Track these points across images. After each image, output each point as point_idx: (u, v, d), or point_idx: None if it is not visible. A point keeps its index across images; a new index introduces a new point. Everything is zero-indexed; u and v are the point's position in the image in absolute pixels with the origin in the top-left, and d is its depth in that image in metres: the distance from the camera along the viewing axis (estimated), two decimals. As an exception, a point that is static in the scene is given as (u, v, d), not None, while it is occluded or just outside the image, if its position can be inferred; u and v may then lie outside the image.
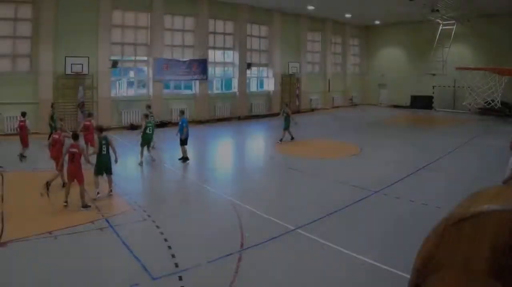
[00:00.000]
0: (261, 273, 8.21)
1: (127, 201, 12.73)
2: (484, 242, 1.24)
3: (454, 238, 1.22)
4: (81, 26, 27.06)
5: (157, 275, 7.93)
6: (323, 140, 24.93)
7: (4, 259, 8.54)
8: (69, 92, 26.83)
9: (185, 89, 33.63)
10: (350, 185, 14.58)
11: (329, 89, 44.46)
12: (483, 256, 1.26)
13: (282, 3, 35.92)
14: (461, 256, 1.22)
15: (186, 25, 32.58)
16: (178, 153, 18.66)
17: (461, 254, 1.22)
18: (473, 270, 1.25)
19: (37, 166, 16.92)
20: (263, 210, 11.73)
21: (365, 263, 8.47)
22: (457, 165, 18.36)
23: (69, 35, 26.60)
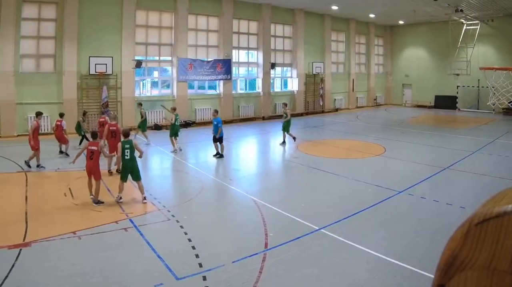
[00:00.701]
0: (285, 273, 7.92)
1: (152, 201, 12.36)
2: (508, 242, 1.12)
3: (478, 238, 1.13)
4: (105, 26, 26.35)
5: (181, 275, 7.75)
6: (347, 140, 24.10)
7: (28, 259, 8.36)
8: (93, 92, 26.10)
9: (209, 89, 32.67)
10: (374, 184, 14.10)
11: (353, 89, 43.04)
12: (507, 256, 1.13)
13: (306, 3, 34.80)
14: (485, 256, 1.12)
15: (210, 25, 31.58)
16: (203, 152, 18.95)
17: (485, 254, 1.12)
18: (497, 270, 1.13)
19: (60, 166, 16.51)
20: (287, 210, 11.41)
21: (389, 263, 8.21)
22: (481, 165, 17.60)
23: (93, 35, 25.89)
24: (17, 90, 23.71)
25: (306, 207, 11.86)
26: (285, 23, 36.60)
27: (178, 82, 29.47)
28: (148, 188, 13.47)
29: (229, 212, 12.01)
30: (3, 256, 8.38)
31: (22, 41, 23.97)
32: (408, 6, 33.32)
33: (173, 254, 8.64)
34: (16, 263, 8.07)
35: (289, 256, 8.60)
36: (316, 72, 37.97)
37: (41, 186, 13.42)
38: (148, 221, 10.73)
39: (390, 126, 30.36)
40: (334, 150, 21.22)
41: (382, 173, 16.16)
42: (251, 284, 7.43)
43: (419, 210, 11.58)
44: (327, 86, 39.61)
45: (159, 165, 17.88)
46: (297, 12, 36.61)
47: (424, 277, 7.38)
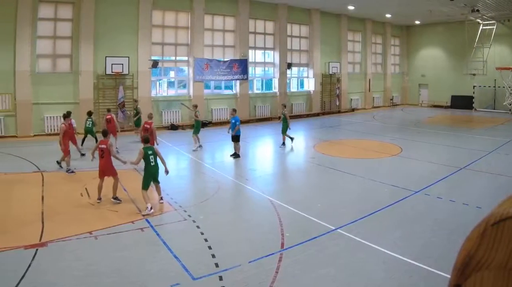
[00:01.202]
0: (301, 273, 7.74)
1: (168, 201, 12.10)
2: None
3: (494, 238, 1.07)
4: (121, 26, 25.62)
5: (198, 275, 7.61)
6: (364, 140, 23.43)
7: (44, 259, 8.18)
8: (109, 92, 25.42)
9: (225, 89, 31.88)
10: (390, 185, 13.79)
11: (370, 89, 41.83)
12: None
13: (322, 3, 33.78)
14: (502, 256, 1.02)
15: (226, 25, 30.71)
16: (219, 152, 18.78)
17: (502, 254, 1.03)
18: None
19: (76, 166, 15.96)
20: (304, 210, 11.17)
21: (405, 263, 8.04)
22: (497, 165, 17.07)
23: (109, 35, 25.19)
24: (34, 90, 23.07)
25: (323, 207, 11.58)
26: (301, 23, 35.56)
27: (195, 82, 28.63)
28: (164, 188, 13.15)
29: (245, 212, 11.76)
30: (19, 256, 8.22)
31: (38, 41, 23.33)
32: (424, 6, 32.38)
33: (189, 254, 8.47)
34: (32, 263, 7.90)
35: (305, 256, 8.43)
36: (333, 72, 36.94)
37: (58, 186, 13.04)
38: (164, 221, 10.50)
39: (406, 126, 29.46)
40: (351, 150, 20.67)
41: (399, 173, 15.85)
42: (267, 284, 7.29)
43: (435, 210, 11.31)
44: (344, 86, 38.48)
45: (175, 165, 17.31)
46: (313, 12, 35.56)
47: (440, 277, 7.21)
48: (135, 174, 14.81)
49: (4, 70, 22.06)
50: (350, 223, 10.17)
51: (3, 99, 22.33)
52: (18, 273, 7.44)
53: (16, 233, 9.48)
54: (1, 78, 21.74)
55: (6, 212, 10.94)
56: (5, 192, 12.82)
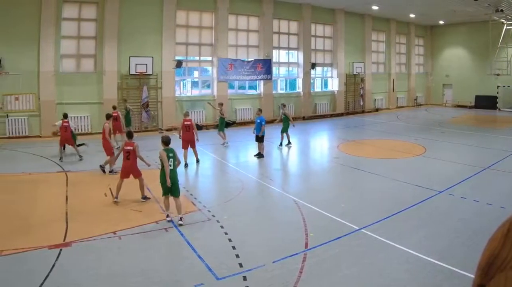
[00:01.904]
0: (325, 273, 7.50)
1: (192, 201, 11.69)
2: None
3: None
4: (145, 26, 24.50)
5: (222, 275, 7.35)
6: (388, 141, 22.50)
7: (68, 259, 7.94)
8: (133, 92, 24.28)
9: (249, 89, 30.46)
10: (414, 185, 13.24)
11: (394, 89, 39.91)
12: None
13: (346, 3, 32.14)
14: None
15: (250, 25, 29.34)
16: (243, 152, 18.48)
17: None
18: None
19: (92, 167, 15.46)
20: (328, 210, 10.79)
21: (429, 263, 7.72)
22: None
23: (133, 35, 24.09)
24: (57, 90, 22.08)
25: (347, 207, 11.19)
26: (325, 23, 33.89)
27: (219, 82, 27.38)
28: (188, 188, 13.09)
29: (269, 212, 11.33)
30: (43, 256, 7.97)
31: (62, 41, 22.36)
32: (448, 6, 30.82)
33: (213, 254, 8.18)
34: (56, 263, 7.67)
35: (329, 256, 8.16)
36: (357, 72, 35.24)
37: (81, 186, 12.64)
38: (188, 221, 10.01)
39: (430, 126, 28.12)
40: (375, 150, 19.92)
41: (423, 173, 15.15)
42: (291, 284, 7.02)
43: (459, 210, 10.93)
44: (368, 86, 36.69)
45: (200, 165, 16.61)
46: (338, 12, 33.87)
47: (465, 277, 7.00)
48: (159, 174, 14.18)
49: (28, 70, 21.07)
50: (374, 223, 9.82)
51: (27, 99, 21.36)
52: (42, 273, 7.19)
53: (40, 233, 9.16)
54: (25, 78, 20.71)
55: (30, 212, 10.58)
56: (29, 192, 12.46)
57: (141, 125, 24.52)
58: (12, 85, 19.84)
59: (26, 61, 21.21)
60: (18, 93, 20.85)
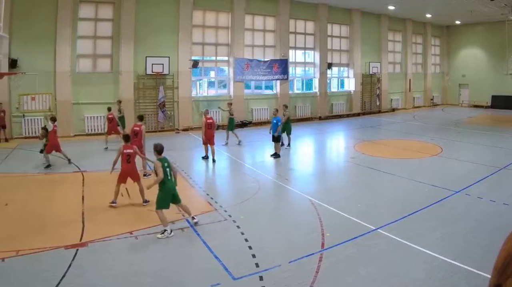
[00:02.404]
0: (342, 273, 7.25)
1: (208, 201, 11.39)
2: None
3: None
4: (162, 26, 23.65)
5: (238, 275, 7.13)
6: (404, 140, 21.82)
7: (85, 258, 7.73)
8: (150, 92, 23.42)
9: (265, 89, 29.35)
10: (431, 184, 12.81)
11: (410, 89, 38.46)
12: None
13: (362, 3, 30.94)
14: None
15: (266, 25, 28.28)
16: (259, 152, 18.12)
17: None
18: None
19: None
20: (344, 210, 10.46)
21: (446, 263, 7.46)
22: None
23: (149, 35, 23.24)
24: (74, 90, 21.35)
25: (363, 207, 10.83)
26: (341, 23, 32.59)
27: (235, 82, 26.40)
28: (205, 188, 12.90)
29: (285, 212, 10.95)
30: (60, 256, 7.76)
31: (79, 41, 21.60)
32: (465, 6, 29.64)
33: (229, 254, 7.94)
34: (72, 263, 7.47)
35: (346, 256, 7.91)
36: (373, 72, 33.96)
37: (98, 186, 12.20)
38: (205, 221, 9.72)
39: (446, 126, 27.18)
40: (391, 149, 19.31)
41: (439, 172, 14.72)
42: (308, 284, 6.80)
43: (475, 210, 10.55)
44: (384, 86, 35.32)
45: (216, 165, 16.15)
46: (354, 12, 32.58)
47: (481, 277, 6.78)
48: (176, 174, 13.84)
49: (44, 70, 20.28)
50: (390, 223, 9.52)
51: (43, 99, 20.58)
52: (59, 273, 7.01)
53: (56, 233, 8.92)
54: (42, 78, 19.79)
55: (47, 212, 10.32)
56: (46, 192, 12.11)
57: (157, 126, 23.73)
58: (28, 85, 19.11)
59: (42, 61, 20.47)
60: (34, 94, 20.08)
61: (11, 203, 11.01)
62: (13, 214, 10.26)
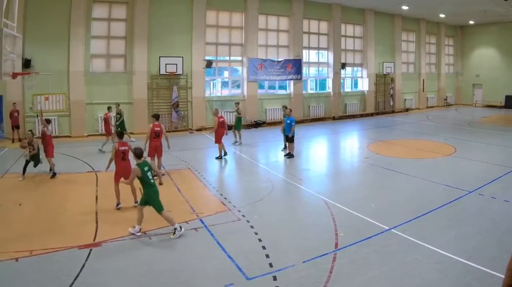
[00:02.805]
0: (355, 273, 6.98)
1: (222, 201, 11.02)
2: None
3: None
4: (175, 26, 22.88)
5: (252, 275, 6.89)
6: (418, 141, 21.02)
7: (99, 258, 7.51)
8: (163, 92, 22.66)
9: (279, 89, 28.43)
10: (444, 184, 12.42)
11: (424, 89, 37.21)
12: None
13: (376, 3, 29.88)
14: None
15: (280, 25, 27.34)
16: (273, 152, 17.44)
17: None
18: None
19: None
20: (357, 210, 10.14)
21: (459, 263, 7.23)
22: None
23: (163, 35, 22.49)
24: (87, 90, 20.69)
25: (376, 207, 10.48)
26: (355, 23, 31.52)
27: (249, 82, 25.54)
28: (218, 188, 12.53)
29: (299, 212, 10.61)
30: (73, 256, 7.56)
31: (92, 41, 20.93)
32: (479, 6, 28.59)
33: (243, 254, 7.71)
34: (86, 263, 7.29)
35: (359, 256, 7.68)
36: (387, 72, 32.77)
37: (111, 186, 11.41)
38: (218, 221, 9.47)
39: (460, 126, 26.30)
40: (404, 150, 18.65)
41: (452, 172, 14.27)
42: (321, 284, 6.58)
43: (489, 210, 10.20)
44: (398, 86, 34.12)
45: (229, 165, 15.85)
46: (367, 12, 31.50)
47: (495, 277, 6.58)
48: (189, 174, 13.82)
49: (58, 70, 19.65)
50: (404, 223, 9.24)
51: (57, 99, 20.00)
52: (72, 273, 6.85)
53: (70, 233, 8.68)
54: (56, 78, 19.09)
55: (60, 212, 10.01)
56: (59, 192, 11.78)
57: (171, 126, 23.07)
58: (42, 85, 18.60)
59: (56, 61, 19.86)
60: (48, 94, 19.49)
61: (25, 203, 10.73)
62: (27, 214, 9.98)
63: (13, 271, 7.00)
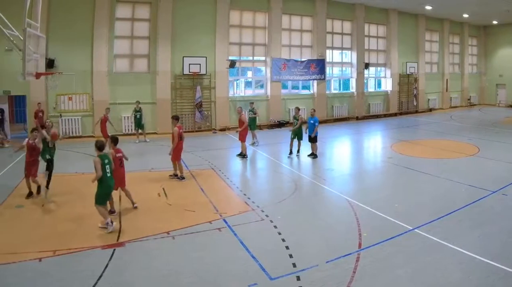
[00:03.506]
0: (379, 273, 6.58)
1: (245, 201, 10.53)
2: None
3: None
4: (199, 26, 21.60)
5: (275, 275, 6.52)
6: (441, 141, 19.98)
7: (122, 258, 7.16)
8: (187, 92, 21.40)
9: (302, 89, 26.88)
10: (468, 184, 11.83)
11: (447, 89, 35.10)
12: None
13: (400, 3, 28.02)
14: None
15: (303, 25, 25.83)
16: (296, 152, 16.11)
17: None
18: None
19: (155, 166, 14.06)
20: (381, 210, 9.62)
21: (483, 263, 6.78)
22: None
23: (186, 35, 21.26)
24: (111, 90, 19.60)
25: (400, 207, 9.99)
26: (378, 23, 29.68)
27: (272, 82, 24.13)
28: (242, 188, 11.91)
29: (322, 212, 10.05)
30: (97, 256, 7.22)
31: (115, 41, 19.84)
32: (502, 6, 26.68)
33: (267, 254, 7.35)
34: (109, 263, 6.93)
35: (383, 256, 7.28)
36: (410, 72, 30.83)
37: (134, 186, 10.93)
38: (242, 221, 9.06)
39: (484, 126, 24.83)
40: (428, 150, 17.75)
41: (476, 173, 13.58)
42: (345, 284, 6.24)
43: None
44: (421, 86, 32.11)
45: (253, 165, 15.25)
46: (391, 12, 29.62)
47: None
48: (213, 174, 13.20)
49: (82, 70, 18.68)
50: (427, 223, 8.82)
51: (81, 99, 18.99)
52: (96, 273, 6.53)
53: (93, 233, 8.30)
54: (79, 78, 18.17)
55: (84, 212, 9.48)
56: (82, 191, 11.02)
57: (195, 126, 22.01)
58: (65, 85, 17.73)
59: (79, 61, 18.84)
60: (71, 93, 18.53)
61: (48, 203, 10.27)
62: (50, 214, 9.56)
63: (37, 271, 6.67)
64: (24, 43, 10.16)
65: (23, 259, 7.04)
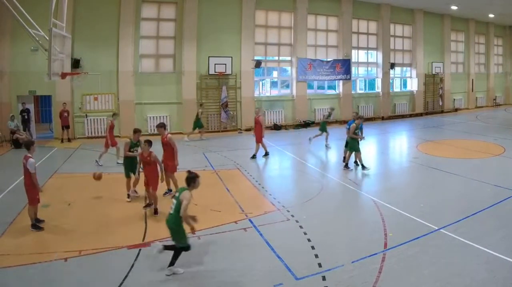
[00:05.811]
0: (404, 273, 6.07)
1: (271, 201, 9.68)
2: None
3: None
4: (224, 26, 19.69)
5: (301, 275, 6.03)
6: (466, 140, 18.59)
7: (148, 259, 6.58)
8: (212, 93, 19.51)
9: (328, 89, 24.62)
10: (493, 184, 10.71)
11: (473, 89, 32.05)
12: None
13: (425, 3, 25.39)
14: None
15: (329, 25, 23.55)
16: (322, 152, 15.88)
17: None
18: None
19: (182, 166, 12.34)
20: (407, 210, 8.80)
21: (509, 263, 6.23)
22: None
23: (212, 35, 19.35)
24: (136, 90, 17.89)
25: (426, 207, 9.06)
26: (404, 23, 26.97)
27: (298, 82, 21.94)
28: (267, 188, 11.02)
29: (348, 212, 9.26)
30: (123, 256, 6.69)
31: (141, 41, 18.11)
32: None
33: (292, 254, 6.69)
34: (135, 263, 6.41)
35: (408, 256, 6.59)
36: (436, 72, 27.99)
37: (160, 185, 9.81)
38: (267, 221, 8.38)
39: (510, 126, 22.78)
40: (453, 150, 16.50)
41: (501, 173, 12.49)
42: (371, 284, 5.68)
43: None
44: (447, 86, 29.17)
45: (278, 165, 14.26)
46: (416, 12, 26.94)
47: None
48: (238, 174, 12.31)
49: (107, 70, 17.07)
50: (453, 223, 8.03)
51: (106, 99, 17.43)
52: (121, 273, 6.03)
53: (119, 233, 7.70)
54: (105, 78, 16.65)
55: (109, 212, 8.93)
56: (108, 191, 10.46)
57: (220, 126, 20.39)
58: (91, 85, 16.32)
59: (105, 61, 17.23)
60: (97, 93, 17.06)
61: (74, 203, 9.60)
62: (76, 214, 8.91)
63: (62, 271, 6.28)
64: (50, 43, 9.68)
65: (48, 259, 6.53)
